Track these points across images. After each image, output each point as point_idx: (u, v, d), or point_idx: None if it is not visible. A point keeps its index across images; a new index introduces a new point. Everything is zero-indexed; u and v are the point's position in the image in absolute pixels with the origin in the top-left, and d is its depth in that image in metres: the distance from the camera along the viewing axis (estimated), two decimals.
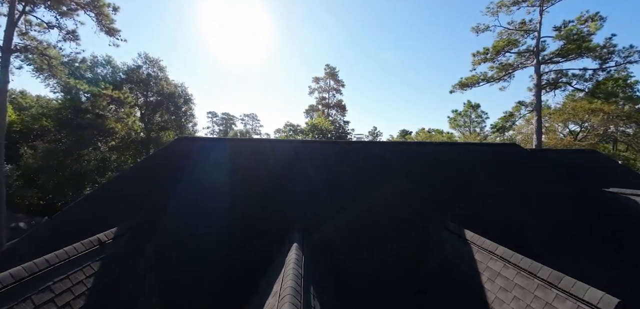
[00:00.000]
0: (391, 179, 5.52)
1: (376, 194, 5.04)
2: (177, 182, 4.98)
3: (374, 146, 6.60)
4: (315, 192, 5.02)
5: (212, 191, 4.80)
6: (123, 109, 15.02)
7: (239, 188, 4.95)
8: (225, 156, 5.86)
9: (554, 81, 18.98)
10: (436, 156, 6.49)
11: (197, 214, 4.52)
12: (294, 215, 4.55)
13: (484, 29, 18.99)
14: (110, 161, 23.41)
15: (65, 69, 12.47)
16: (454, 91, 20.88)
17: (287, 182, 5.20)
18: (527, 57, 19.66)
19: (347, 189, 5.16)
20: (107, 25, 12.36)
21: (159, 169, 5.56)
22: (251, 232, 4.31)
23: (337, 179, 5.44)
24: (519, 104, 20.08)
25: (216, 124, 79.99)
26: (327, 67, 41.86)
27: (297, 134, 28.35)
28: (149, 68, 23.81)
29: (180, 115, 23.41)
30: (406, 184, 5.45)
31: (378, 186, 5.30)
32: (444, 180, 5.70)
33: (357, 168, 5.80)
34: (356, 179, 5.50)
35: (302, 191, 5.03)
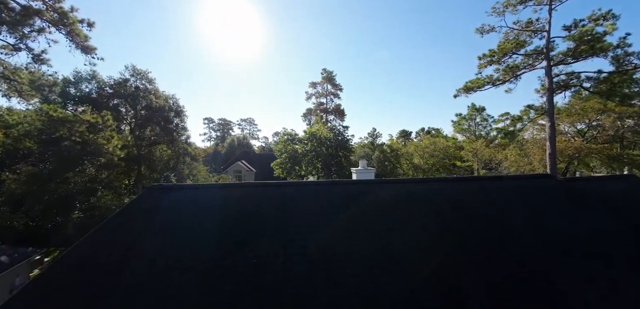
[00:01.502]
0: (408, 231, 4.47)
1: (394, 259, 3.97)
2: (126, 273, 3.86)
3: (385, 187, 5.49)
4: (322, 270, 3.95)
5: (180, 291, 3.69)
6: (103, 133, 13.83)
7: (223, 270, 3.86)
8: (205, 215, 4.76)
9: (564, 83, 17.95)
10: (460, 196, 5.43)
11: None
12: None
13: (489, 30, 17.95)
14: (100, 179, 22.32)
15: (38, 94, 11.34)
16: (458, 95, 19.84)
17: (282, 250, 4.12)
18: (535, 58, 18.64)
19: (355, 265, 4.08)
20: (81, 44, 11.24)
21: (121, 235, 4.49)
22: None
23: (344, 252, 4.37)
24: (528, 108, 19.03)
25: (213, 130, 78.97)
26: (324, 72, 40.75)
27: (295, 144, 27.26)
28: (137, 81, 22.69)
29: (171, 129, 22.28)
30: (426, 241, 4.40)
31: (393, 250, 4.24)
32: (473, 230, 4.65)
33: (364, 224, 4.74)
34: (364, 248, 4.43)
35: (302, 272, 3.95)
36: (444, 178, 6.41)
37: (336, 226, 4.38)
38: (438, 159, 24.90)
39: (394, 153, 28.41)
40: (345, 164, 28.57)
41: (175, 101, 24.39)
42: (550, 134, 15.95)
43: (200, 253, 3.93)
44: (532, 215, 5.11)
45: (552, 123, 16.02)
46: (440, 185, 5.85)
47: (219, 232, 4.22)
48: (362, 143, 44.76)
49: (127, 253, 4.07)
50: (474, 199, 5.33)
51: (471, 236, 4.51)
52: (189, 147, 25.47)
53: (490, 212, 5.08)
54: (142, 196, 5.29)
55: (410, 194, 5.32)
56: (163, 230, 4.36)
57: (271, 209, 4.69)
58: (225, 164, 42.77)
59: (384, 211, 4.73)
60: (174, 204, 4.87)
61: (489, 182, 6.34)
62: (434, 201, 5.13)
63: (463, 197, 5.35)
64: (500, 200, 5.37)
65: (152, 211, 4.78)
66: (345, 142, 29.42)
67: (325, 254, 3.91)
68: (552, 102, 16.28)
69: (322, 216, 4.53)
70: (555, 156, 16.42)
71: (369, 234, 4.27)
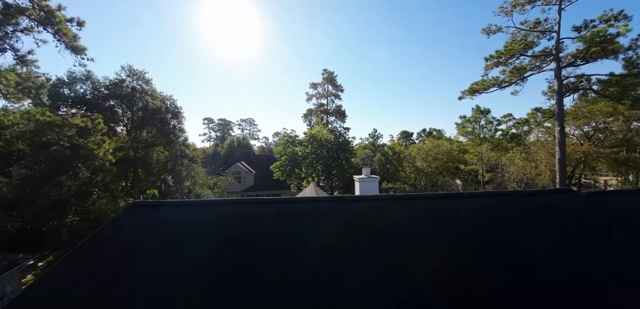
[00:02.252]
0: (420, 264, 3.91)
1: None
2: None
3: (394, 206, 4.92)
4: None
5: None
6: (93, 137, 13.30)
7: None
8: (191, 235, 4.20)
9: (573, 85, 17.37)
10: (476, 218, 4.86)
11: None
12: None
13: (495, 30, 17.37)
14: (95, 182, 21.80)
15: (25, 96, 10.80)
16: (463, 97, 19.27)
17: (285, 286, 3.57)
18: (543, 59, 18.06)
19: None
20: (70, 43, 10.69)
21: (99, 260, 3.94)
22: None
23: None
24: (535, 111, 18.44)
25: (213, 130, 78.49)
26: (325, 72, 40.21)
27: (295, 146, 26.72)
28: (134, 81, 22.18)
29: (168, 130, 21.75)
30: (441, 277, 3.84)
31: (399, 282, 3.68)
32: (491, 261, 4.08)
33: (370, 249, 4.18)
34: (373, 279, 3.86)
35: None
36: (459, 194, 5.79)
37: (339, 257, 3.81)
38: (441, 163, 24.31)
39: (396, 156, 27.83)
40: (347, 167, 28.02)
41: (173, 102, 23.87)
42: (560, 138, 15.36)
43: (177, 287, 3.37)
44: (563, 242, 4.53)
45: (561, 127, 15.43)
46: (455, 202, 5.27)
47: (191, 269, 3.65)
48: (363, 144, 44.22)
49: (105, 283, 3.53)
50: (493, 219, 4.76)
51: (488, 267, 3.95)
52: (187, 149, 24.94)
53: (513, 234, 4.51)
54: (122, 215, 4.73)
55: (422, 214, 4.76)
56: (143, 257, 3.81)
57: (264, 233, 4.12)
58: (224, 165, 42.25)
59: (394, 239, 4.16)
60: (156, 227, 4.31)
61: (506, 199, 5.75)
62: (453, 224, 4.56)
63: (482, 223, 4.78)
64: (521, 221, 4.80)
65: (133, 232, 4.23)
66: (346, 144, 28.87)
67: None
68: (561, 105, 15.69)
69: (323, 247, 3.97)
70: (565, 161, 15.83)
71: (375, 268, 3.71)
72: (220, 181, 29.44)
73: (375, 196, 5.26)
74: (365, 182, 8.87)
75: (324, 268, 3.69)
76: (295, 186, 27.84)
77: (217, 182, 29.02)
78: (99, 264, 3.73)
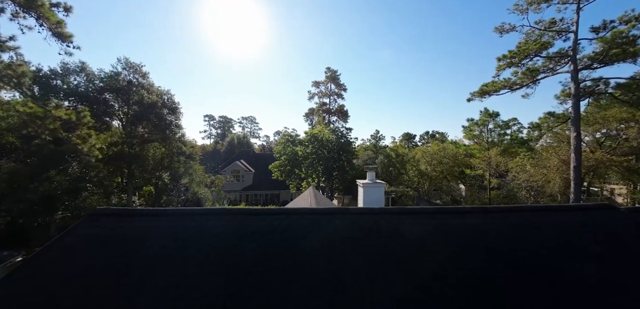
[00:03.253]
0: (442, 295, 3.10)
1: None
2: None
3: (406, 221, 4.10)
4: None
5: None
6: (78, 131, 12.54)
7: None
8: (153, 258, 3.40)
9: (589, 89, 16.46)
10: (512, 240, 4.03)
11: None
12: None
13: (509, 29, 16.47)
14: (90, 178, 21.09)
15: (5, 85, 10.05)
16: (472, 99, 18.37)
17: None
18: (557, 61, 17.15)
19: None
20: (54, 29, 9.93)
21: (45, 281, 3.16)
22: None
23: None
24: (548, 115, 17.52)
25: (213, 127, 77.85)
26: (328, 70, 39.35)
27: (295, 146, 25.92)
28: (130, 74, 21.45)
29: (164, 126, 21.00)
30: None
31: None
32: (537, 297, 3.26)
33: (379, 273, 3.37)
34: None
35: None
36: (483, 209, 4.84)
37: (344, 285, 3.00)
38: (447, 167, 23.43)
39: (399, 158, 26.95)
40: (348, 169, 27.18)
41: (170, 97, 23.11)
42: (575, 144, 14.46)
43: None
44: (619, 272, 3.69)
45: (577, 133, 14.53)
46: (478, 218, 4.43)
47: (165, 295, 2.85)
48: (365, 145, 43.37)
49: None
50: (532, 242, 3.92)
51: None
52: (184, 146, 24.18)
53: (555, 256, 3.67)
54: (79, 226, 3.92)
55: (444, 232, 3.93)
56: (85, 285, 3.00)
57: (248, 259, 3.30)
58: (223, 163, 41.52)
59: (413, 267, 3.34)
60: (113, 242, 3.50)
61: (539, 216, 4.90)
62: (483, 248, 3.73)
63: (511, 241, 3.94)
64: (566, 246, 3.95)
65: (81, 250, 3.42)
66: (348, 145, 28.03)
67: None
68: (578, 110, 14.80)
69: (322, 281, 3.15)
70: (581, 169, 14.93)
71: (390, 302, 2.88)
72: (218, 179, 28.67)
73: (383, 209, 4.39)
74: (370, 188, 8.03)
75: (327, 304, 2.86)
76: (295, 186, 27.04)
77: (214, 180, 28.26)
78: (41, 287, 2.93)
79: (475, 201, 22.18)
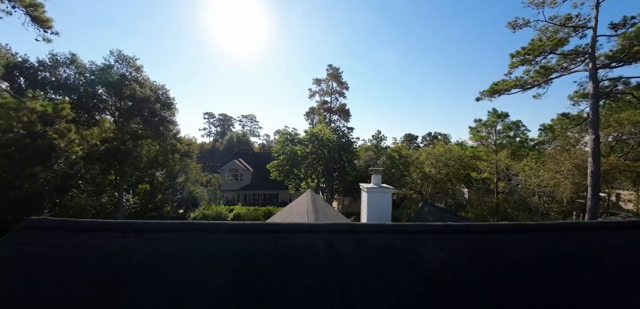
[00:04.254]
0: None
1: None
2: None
3: (427, 240, 3.16)
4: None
5: None
6: (57, 125, 11.62)
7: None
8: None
9: (607, 89, 15.49)
10: (568, 270, 3.09)
11: None
12: None
13: (522, 24, 15.50)
14: (81, 175, 20.22)
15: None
16: (481, 98, 17.40)
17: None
18: (572, 59, 16.17)
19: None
20: (31, 13, 9.03)
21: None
22: None
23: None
24: (562, 117, 16.55)
25: (213, 125, 77.00)
26: (330, 68, 38.40)
27: (294, 145, 24.99)
28: (123, 68, 20.56)
29: (157, 122, 20.09)
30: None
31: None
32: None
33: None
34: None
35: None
36: (517, 227, 3.82)
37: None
38: (453, 169, 22.46)
39: (402, 159, 25.97)
40: (349, 169, 26.22)
41: (165, 92, 22.22)
42: (594, 148, 13.48)
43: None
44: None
45: (596, 135, 13.55)
46: (517, 239, 3.49)
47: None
48: (366, 146, 42.40)
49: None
50: (586, 269, 2.99)
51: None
52: (179, 143, 23.27)
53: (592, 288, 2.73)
54: (3, 242, 3.00)
55: (475, 256, 2.99)
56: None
57: (213, 301, 2.36)
58: (221, 161, 40.64)
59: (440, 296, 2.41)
60: (36, 267, 2.58)
61: (564, 236, 3.93)
62: (527, 281, 2.80)
63: (572, 272, 3.00)
64: (597, 265, 3.01)
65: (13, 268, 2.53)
66: (349, 145, 27.06)
67: None
68: (597, 111, 13.82)
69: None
70: (600, 174, 13.95)
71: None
72: (214, 178, 27.77)
73: (399, 226, 3.42)
74: (376, 193, 7.11)
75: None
76: (294, 186, 26.10)
77: (210, 179, 27.36)
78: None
79: (482, 205, 21.21)
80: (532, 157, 21.44)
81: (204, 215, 23.75)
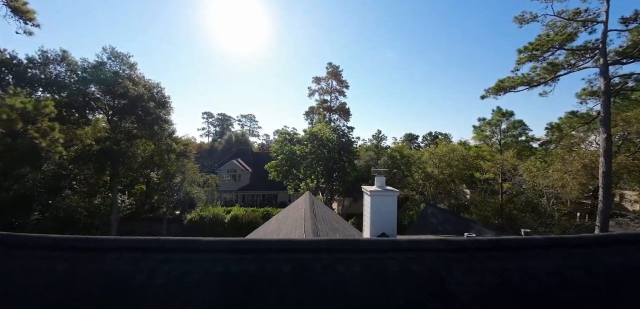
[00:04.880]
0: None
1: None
2: None
3: (450, 263, 2.54)
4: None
5: None
6: (39, 123, 11.00)
7: None
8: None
9: (618, 86, 14.89)
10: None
11: None
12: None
13: (530, 19, 14.88)
14: (73, 175, 19.60)
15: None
16: (486, 96, 16.79)
17: None
18: (580, 55, 15.57)
19: None
20: (12, 4, 8.42)
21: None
22: None
23: None
24: (571, 115, 15.94)
25: (212, 124, 76.35)
26: (330, 66, 37.80)
27: (293, 145, 24.38)
28: (116, 65, 19.94)
29: (151, 121, 19.47)
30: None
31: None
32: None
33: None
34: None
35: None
36: (559, 241, 3.15)
37: None
38: (456, 170, 21.84)
39: (404, 159, 25.35)
40: (349, 170, 25.62)
41: (160, 91, 21.60)
42: (605, 147, 12.87)
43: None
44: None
45: (608, 134, 12.94)
46: (557, 256, 2.89)
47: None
48: (366, 146, 41.80)
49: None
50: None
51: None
52: (174, 143, 22.65)
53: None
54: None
55: (514, 283, 2.38)
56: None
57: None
58: (220, 161, 40.03)
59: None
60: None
61: (627, 251, 3.34)
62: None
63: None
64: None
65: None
66: (350, 145, 26.45)
67: None
68: (608, 109, 13.21)
69: None
70: (611, 175, 13.36)
71: None
72: (211, 178, 27.15)
73: (416, 243, 2.82)
74: (380, 197, 6.50)
75: None
76: (293, 187, 25.49)
77: (207, 180, 26.74)
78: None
79: (486, 206, 20.61)
80: (537, 158, 20.84)
81: (200, 216, 23.14)
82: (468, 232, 10.36)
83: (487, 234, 11.43)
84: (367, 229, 6.61)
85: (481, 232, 11.76)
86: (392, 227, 6.42)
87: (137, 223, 23.64)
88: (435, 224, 13.99)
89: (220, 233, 22.22)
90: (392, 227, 6.46)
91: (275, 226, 7.94)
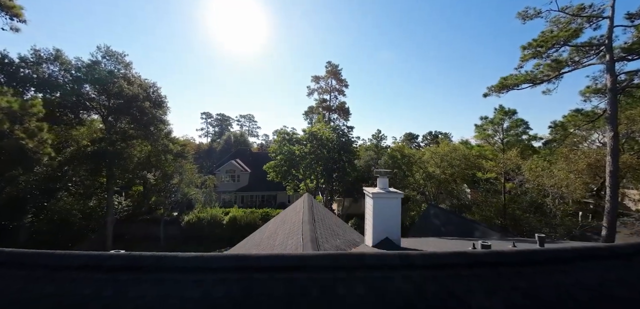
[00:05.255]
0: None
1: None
2: None
3: (472, 283, 2.16)
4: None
5: None
6: (26, 123, 10.61)
7: None
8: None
9: (623, 83, 14.56)
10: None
11: None
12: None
13: (533, 14, 14.54)
14: (69, 177, 19.18)
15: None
16: (489, 94, 16.46)
17: None
18: (585, 52, 15.24)
19: None
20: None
21: None
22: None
23: None
24: (575, 113, 15.60)
25: (211, 125, 75.90)
26: (329, 65, 37.43)
27: (292, 145, 24.00)
28: (111, 64, 19.54)
29: (147, 121, 19.07)
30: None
31: None
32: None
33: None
34: None
35: None
36: (592, 252, 2.74)
37: None
38: (458, 169, 21.50)
39: (405, 159, 25.00)
40: (349, 170, 25.25)
41: (156, 90, 21.20)
42: (612, 145, 12.54)
43: None
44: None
45: (615, 132, 12.61)
46: (593, 268, 2.51)
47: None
48: (366, 146, 41.44)
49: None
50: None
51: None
52: (171, 144, 22.25)
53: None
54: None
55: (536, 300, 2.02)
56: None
57: None
58: (218, 162, 39.63)
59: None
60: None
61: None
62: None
63: None
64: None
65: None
66: (350, 145, 26.08)
67: None
68: (615, 106, 12.87)
69: None
70: (618, 174, 13.03)
71: None
72: (209, 179, 26.75)
73: (431, 258, 2.44)
74: (382, 199, 6.13)
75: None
76: (292, 187, 25.11)
77: (205, 180, 26.35)
78: None
79: (488, 206, 20.26)
80: (540, 157, 20.50)
81: (198, 218, 22.76)
82: (473, 236, 10.00)
83: (492, 235, 11.08)
84: (369, 234, 6.24)
85: (486, 233, 11.42)
86: (396, 232, 6.04)
87: (134, 225, 23.24)
88: (437, 225, 13.63)
89: (218, 235, 21.85)
90: (397, 232, 6.07)
91: (272, 230, 7.57)
